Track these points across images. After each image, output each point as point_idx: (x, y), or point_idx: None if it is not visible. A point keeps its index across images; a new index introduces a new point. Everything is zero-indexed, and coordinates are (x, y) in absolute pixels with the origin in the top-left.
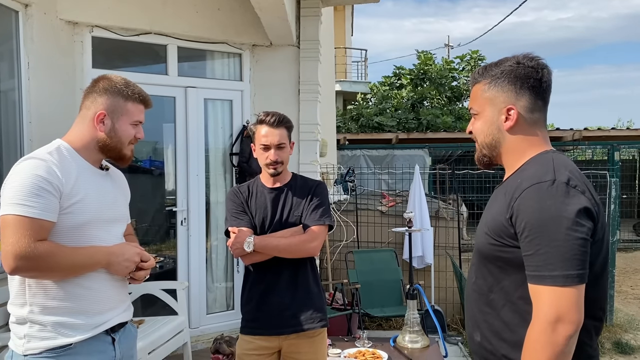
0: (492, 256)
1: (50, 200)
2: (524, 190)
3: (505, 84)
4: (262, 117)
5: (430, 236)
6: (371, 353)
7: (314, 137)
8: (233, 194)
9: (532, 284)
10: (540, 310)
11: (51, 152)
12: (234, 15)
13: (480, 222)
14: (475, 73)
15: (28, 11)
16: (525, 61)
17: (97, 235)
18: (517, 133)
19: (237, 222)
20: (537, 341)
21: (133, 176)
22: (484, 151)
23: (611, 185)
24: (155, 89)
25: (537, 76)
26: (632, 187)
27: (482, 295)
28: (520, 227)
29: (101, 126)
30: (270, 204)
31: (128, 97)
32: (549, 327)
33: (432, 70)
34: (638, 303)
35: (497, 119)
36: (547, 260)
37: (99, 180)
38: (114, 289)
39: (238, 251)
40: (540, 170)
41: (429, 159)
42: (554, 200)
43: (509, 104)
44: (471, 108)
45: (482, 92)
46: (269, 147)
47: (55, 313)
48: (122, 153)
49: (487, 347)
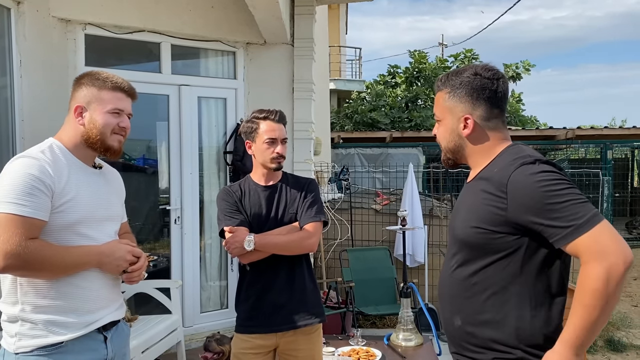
0: (478, 244)
1: (43, 199)
2: (511, 173)
3: (463, 95)
4: (265, 114)
5: (421, 235)
6: (365, 351)
7: (308, 135)
8: (225, 193)
9: (569, 243)
10: (586, 254)
11: (44, 151)
12: (228, 13)
13: (461, 214)
14: (438, 81)
15: (20, 8)
16: (482, 72)
17: (89, 234)
18: (476, 139)
19: (233, 221)
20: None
21: (126, 174)
22: (448, 155)
23: (604, 183)
24: (149, 87)
25: (492, 87)
26: (624, 186)
27: (463, 281)
28: (524, 206)
29: (80, 119)
30: (265, 202)
31: (102, 86)
32: (604, 263)
33: (426, 69)
34: (630, 301)
35: (456, 126)
36: (571, 214)
37: (92, 178)
38: (106, 287)
39: (237, 250)
40: (518, 156)
41: (423, 158)
42: (546, 171)
43: (466, 114)
44: (434, 114)
45: (443, 101)
46: (276, 141)
47: (46, 311)
48: (106, 144)
49: (468, 330)
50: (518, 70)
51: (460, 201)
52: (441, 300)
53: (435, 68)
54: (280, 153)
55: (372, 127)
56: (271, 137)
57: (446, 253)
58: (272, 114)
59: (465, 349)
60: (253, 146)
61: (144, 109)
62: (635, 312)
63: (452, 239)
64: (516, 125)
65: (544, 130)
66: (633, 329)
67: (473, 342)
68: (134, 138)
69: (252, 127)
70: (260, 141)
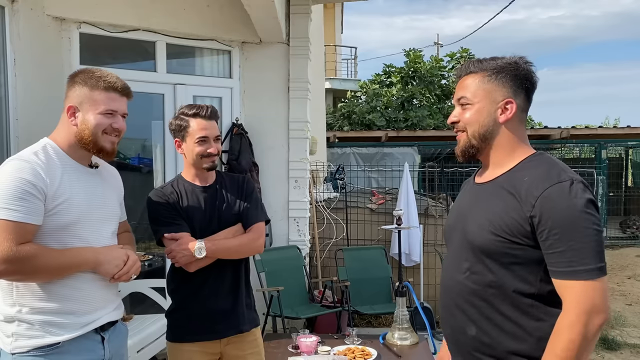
0: (496, 253)
1: (35, 204)
2: (545, 189)
3: (507, 80)
4: (195, 111)
5: (416, 234)
6: (360, 350)
7: (303, 134)
8: (159, 196)
9: (563, 279)
10: (574, 303)
11: (37, 152)
12: (223, 12)
13: (476, 218)
14: (469, 64)
15: (14, 7)
16: (522, 63)
17: (85, 236)
18: (510, 128)
19: (176, 228)
20: (571, 332)
21: (121, 173)
22: (474, 142)
23: (598, 183)
24: (144, 86)
25: (532, 79)
26: (618, 185)
27: (478, 290)
28: (546, 225)
29: (73, 119)
30: (205, 204)
31: (95, 86)
32: (585, 318)
33: (422, 69)
34: (624, 300)
35: (493, 110)
36: (580, 256)
37: (87, 179)
38: (103, 288)
39: (185, 259)
40: (552, 171)
41: (418, 157)
42: (577, 199)
43: (508, 98)
44: (462, 97)
45: (480, 83)
46: (207, 139)
47: (43, 312)
48: (98, 145)
49: (484, 340)
50: None
51: (470, 203)
52: (449, 307)
53: (431, 68)
54: (214, 152)
55: (369, 128)
56: (202, 135)
57: (451, 255)
58: (202, 110)
59: (477, 359)
60: (183, 145)
61: (139, 108)
62: (629, 310)
63: (464, 243)
64: None
65: (538, 129)
66: (627, 327)
67: (488, 352)
68: (129, 137)
69: (182, 125)
70: (191, 140)
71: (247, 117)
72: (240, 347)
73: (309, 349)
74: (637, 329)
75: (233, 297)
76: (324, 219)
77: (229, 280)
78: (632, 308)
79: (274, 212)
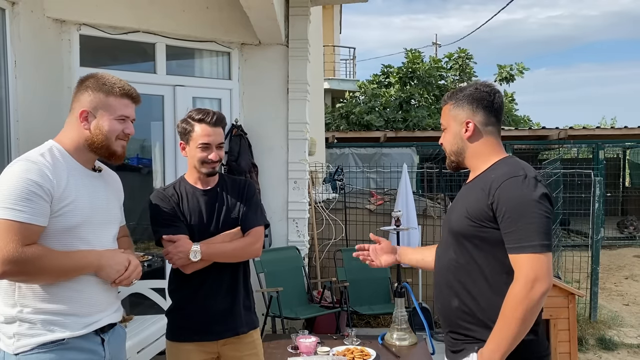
0: (470, 235)
1: (41, 205)
2: (502, 182)
3: (465, 104)
4: (201, 116)
5: (416, 234)
6: (360, 351)
7: (302, 136)
8: (159, 198)
9: (514, 254)
10: (521, 272)
11: (43, 154)
12: (223, 13)
13: (457, 209)
14: (445, 96)
15: (15, 9)
16: (481, 87)
17: (89, 238)
18: (475, 141)
19: (173, 230)
20: (517, 296)
21: (120, 174)
22: (452, 157)
23: (595, 184)
24: (144, 88)
25: (489, 98)
26: (616, 185)
27: (460, 267)
28: (501, 211)
29: (85, 124)
30: (205, 207)
31: (109, 92)
32: (529, 285)
33: (420, 69)
34: (621, 300)
35: (459, 131)
36: (526, 234)
37: (91, 182)
38: (104, 291)
39: (181, 261)
40: (512, 169)
41: (417, 157)
42: (528, 189)
43: (467, 119)
44: (441, 124)
45: (448, 111)
46: (210, 146)
47: (45, 313)
48: (111, 150)
49: (464, 309)
50: (512, 72)
51: (456, 200)
52: (439, 284)
53: (430, 68)
54: (215, 159)
55: (367, 128)
56: (205, 142)
57: (440, 245)
58: (208, 116)
59: (461, 327)
60: (187, 148)
61: (138, 109)
62: (626, 310)
63: (448, 232)
64: (509, 125)
65: (536, 130)
66: (624, 327)
67: (468, 320)
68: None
69: (187, 129)
70: (194, 145)
71: (247, 119)
72: (237, 349)
73: (308, 349)
74: (634, 329)
75: (231, 298)
76: (323, 220)
77: (227, 281)
78: (629, 308)
79: (273, 213)
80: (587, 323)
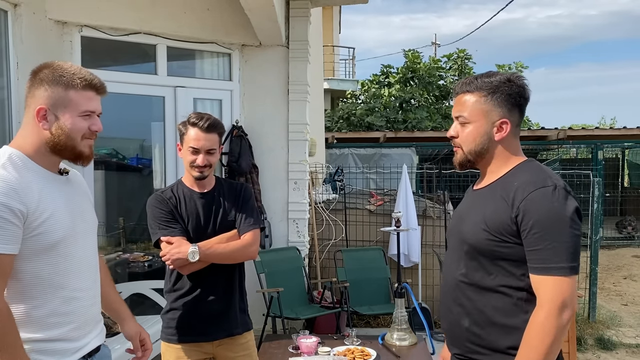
0: (487, 250)
1: (10, 230)
2: (529, 193)
3: (502, 100)
4: (195, 120)
5: (416, 235)
6: (360, 351)
7: (303, 137)
8: (158, 201)
9: (538, 275)
10: (546, 297)
11: (4, 165)
12: (224, 15)
13: (471, 219)
14: (463, 83)
15: (17, 11)
16: (515, 80)
17: (72, 253)
18: (504, 143)
19: (171, 231)
20: (545, 325)
21: (121, 174)
22: (470, 157)
23: (594, 184)
24: (145, 89)
25: (525, 95)
26: (614, 185)
27: (472, 284)
28: (527, 225)
29: (44, 124)
30: (202, 210)
31: (69, 84)
32: (556, 312)
33: (420, 69)
34: (620, 300)
35: (489, 129)
36: (554, 254)
37: (62, 188)
38: (91, 307)
39: (179, 262)
40: (539, 177)
41: (416, 158)
42: (559, 203)
43: (503, 118)
44: (460, 116)
45: (476, 104)
46: (198, 151)
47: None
48: (76, 151)
49: (475, 331)
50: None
51: (468, 207)
52: (447, 302)
53: (429, 68)
54: (201, 164)
55: (368, 129)
56: (194, 146)
57: (449, 256)
58: (202, 120)
59: (470, 350)
60: (182, 149)
61: (139, 110)
62: (625, 310)
63: (459, 243)
64: None
65: (535, 130)
66: (623, 327)
67: (479, 342)
68: (128, 137)
69: (182, 131)
70: (186, 147)
71: (247, 119)
72: (231, 349)
73: (309, 349)
74: (632, 329)
75: (226, 300)
76: (323, 220)
77: (223, 283)
78: (627, 308)
79: (273, 214)
80: (585, 323)
